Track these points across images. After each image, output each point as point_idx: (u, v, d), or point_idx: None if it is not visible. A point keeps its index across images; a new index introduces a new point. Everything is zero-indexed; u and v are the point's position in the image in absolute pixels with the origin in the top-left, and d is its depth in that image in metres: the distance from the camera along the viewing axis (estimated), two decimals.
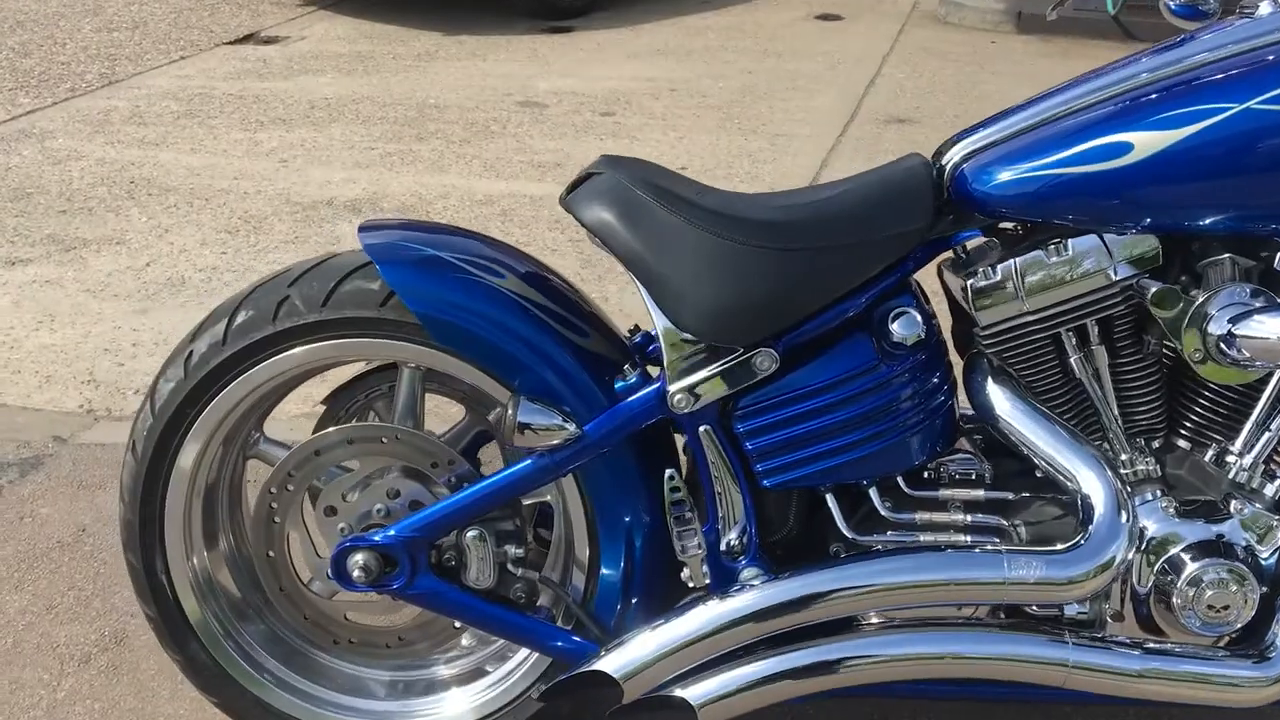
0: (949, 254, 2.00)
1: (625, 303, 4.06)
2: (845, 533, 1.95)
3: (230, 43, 7.73)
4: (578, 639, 2.04)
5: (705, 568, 1.94)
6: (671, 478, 1.94)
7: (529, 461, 1.95)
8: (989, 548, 1.89)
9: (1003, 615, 1.98)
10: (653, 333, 2.14)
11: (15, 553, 2.93)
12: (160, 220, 4.94)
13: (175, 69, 7.12)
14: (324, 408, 2.20)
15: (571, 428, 1.91)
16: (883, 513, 1.95)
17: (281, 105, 6.43)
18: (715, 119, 6.27)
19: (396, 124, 6.15)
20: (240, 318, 1.98)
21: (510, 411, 1.89)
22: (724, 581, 1.95)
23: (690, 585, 1.97)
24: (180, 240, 4.75)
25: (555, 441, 1.91)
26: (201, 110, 6.33)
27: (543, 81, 6.93)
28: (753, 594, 1.89)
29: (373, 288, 1.95)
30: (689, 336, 1.89)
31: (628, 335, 2.12)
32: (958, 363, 2.03)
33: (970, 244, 1.99)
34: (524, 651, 2.14)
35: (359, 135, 5.97)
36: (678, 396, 1.90)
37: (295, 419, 3.14)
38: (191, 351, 1.99)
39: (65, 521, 3.05)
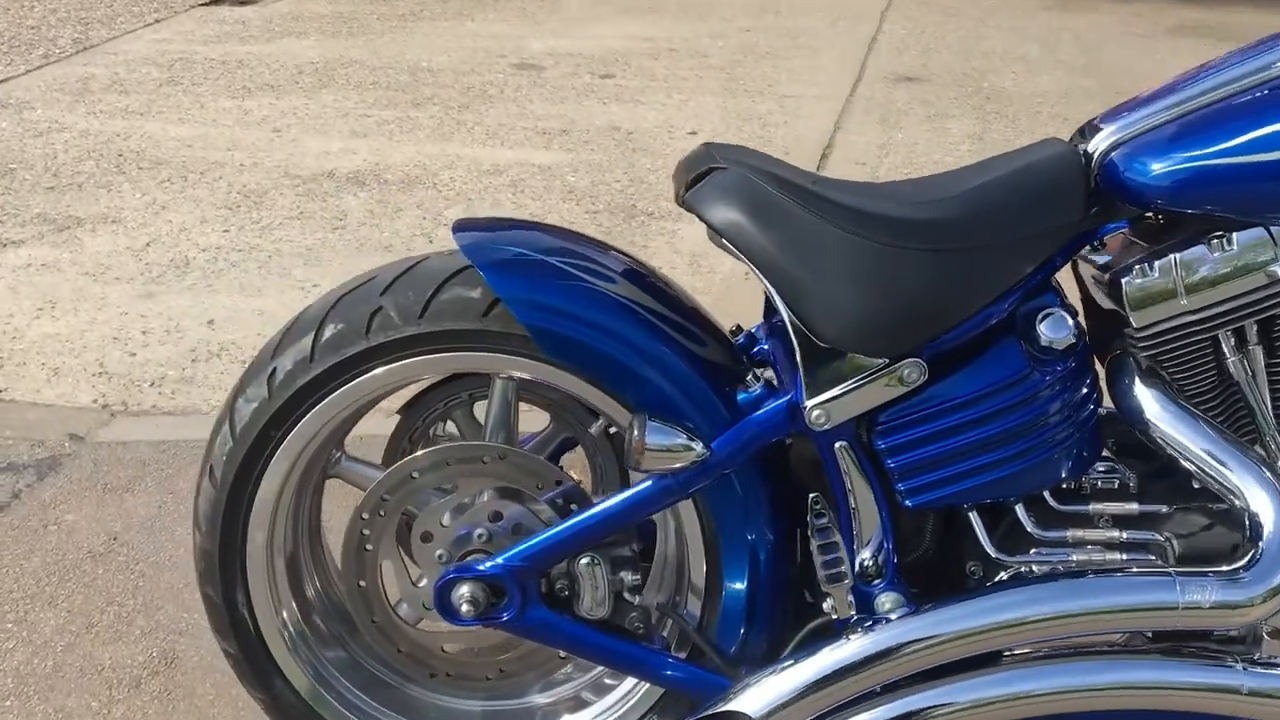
0: (1086, 248, 1.86)
1: None
2: (989, 552, 1.81)
3: (205, 4, 7.46)
4: (696, 668, 1.89)
5: (851, 597, 1.79)
6: (816, 500, 1.78)
7: (650, 483, 1.79)
8: (1157, 569, 1.76)
9: (1148, 638, 1.85)
10: (755, 331, 2.00)
11: (43, 564, 2.74)
12: (155, 196, 4.72)
13: (151, 32, 6.85)
14: (398, 418, 2.04)
15: (699, 447, 1.75)
16: (1029, 530, 1.81)
17: (267, 70, 6.20)
18: (719, 80, 6.09)
19: (390, 89, 5.94)
20: (328, 331, 1.80)
21: (636, 433, 1.73)
22: (863, 609, 1.81)
23: (834, 616, 1.82)
24: (179, 218, 4.53)
25: (682, 463, 1.75)
26: (184, 77, 6.09)
27: (536, 42, 6.72)
28: (902, 626, 1.74)
29: (473, 295, 1.78)
30: (828, 346, 1.73)
31: (730, 335, 1.97)
32: None
33: (1108, 238, 1.86)
34: (629, 680, 1.99)
35: (352, 102, 5.75)
36: (815, 412, 1.74)
37: None
38: (275, 368, 1.82)
39: (94, 529, 2.86)
